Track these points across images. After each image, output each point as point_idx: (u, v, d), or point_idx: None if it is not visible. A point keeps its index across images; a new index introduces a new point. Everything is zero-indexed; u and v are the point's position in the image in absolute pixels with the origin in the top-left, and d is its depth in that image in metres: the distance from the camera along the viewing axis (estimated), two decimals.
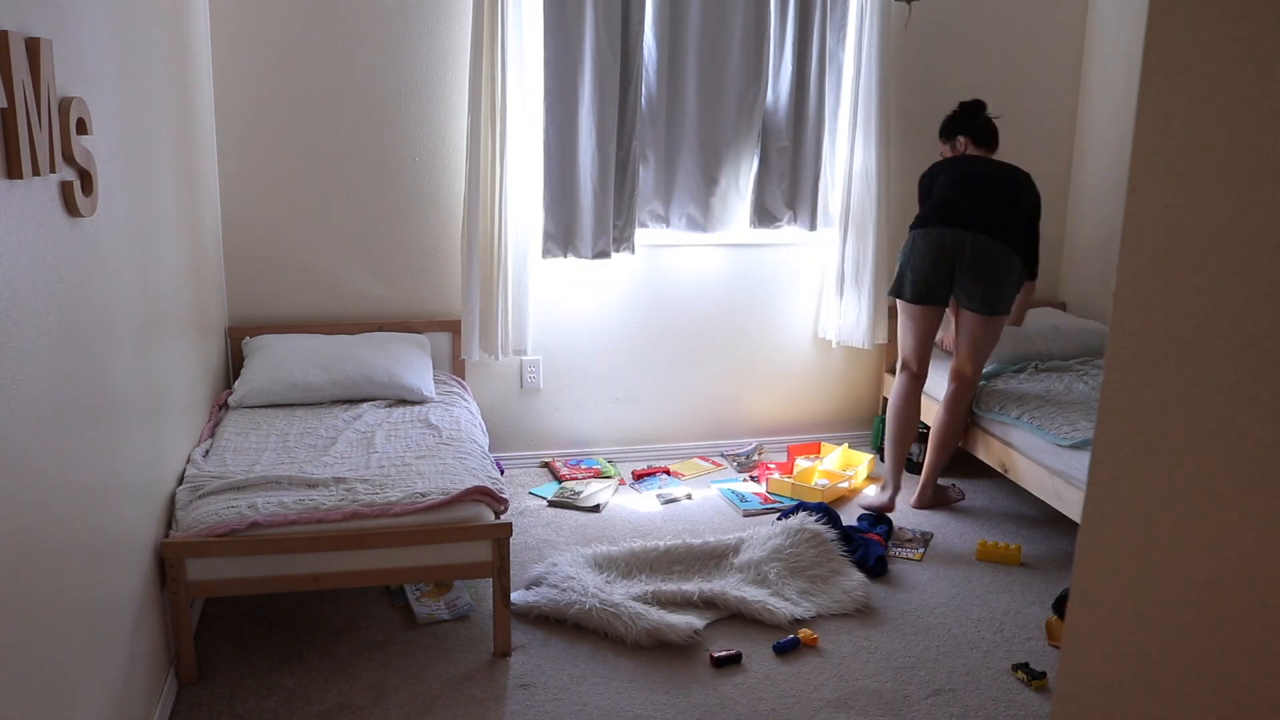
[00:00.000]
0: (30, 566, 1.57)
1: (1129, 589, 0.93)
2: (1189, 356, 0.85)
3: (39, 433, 1.63)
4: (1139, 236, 0.89)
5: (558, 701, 2.52)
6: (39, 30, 1.66)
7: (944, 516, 3.70)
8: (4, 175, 1.50)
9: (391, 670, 2.63)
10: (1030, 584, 3.18)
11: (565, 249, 3.88)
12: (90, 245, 1.95)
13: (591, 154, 3.82)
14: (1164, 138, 0.86)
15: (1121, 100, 4.15)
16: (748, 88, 3.95)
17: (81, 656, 1.82)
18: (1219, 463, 0.82)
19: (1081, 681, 1.00)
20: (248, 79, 3.62)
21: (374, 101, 3.73)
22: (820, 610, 2.94)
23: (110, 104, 2.13)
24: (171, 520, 2.57)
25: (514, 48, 3.66)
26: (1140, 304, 0.89)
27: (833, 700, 2.55)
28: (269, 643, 2.74)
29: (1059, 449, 3.23)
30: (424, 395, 3.49)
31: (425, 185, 3.84)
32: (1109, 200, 4.22)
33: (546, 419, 4.15)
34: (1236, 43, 0.79)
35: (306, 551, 2.52)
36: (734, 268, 4.21)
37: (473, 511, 2.67)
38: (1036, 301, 4.50)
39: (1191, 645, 0.86)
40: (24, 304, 1.57)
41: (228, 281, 3.73)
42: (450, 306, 3.95)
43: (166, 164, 2.73)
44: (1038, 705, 2.55)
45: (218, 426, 3.18)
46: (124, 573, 2.14)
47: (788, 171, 4.05)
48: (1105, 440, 0.95)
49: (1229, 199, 0.80)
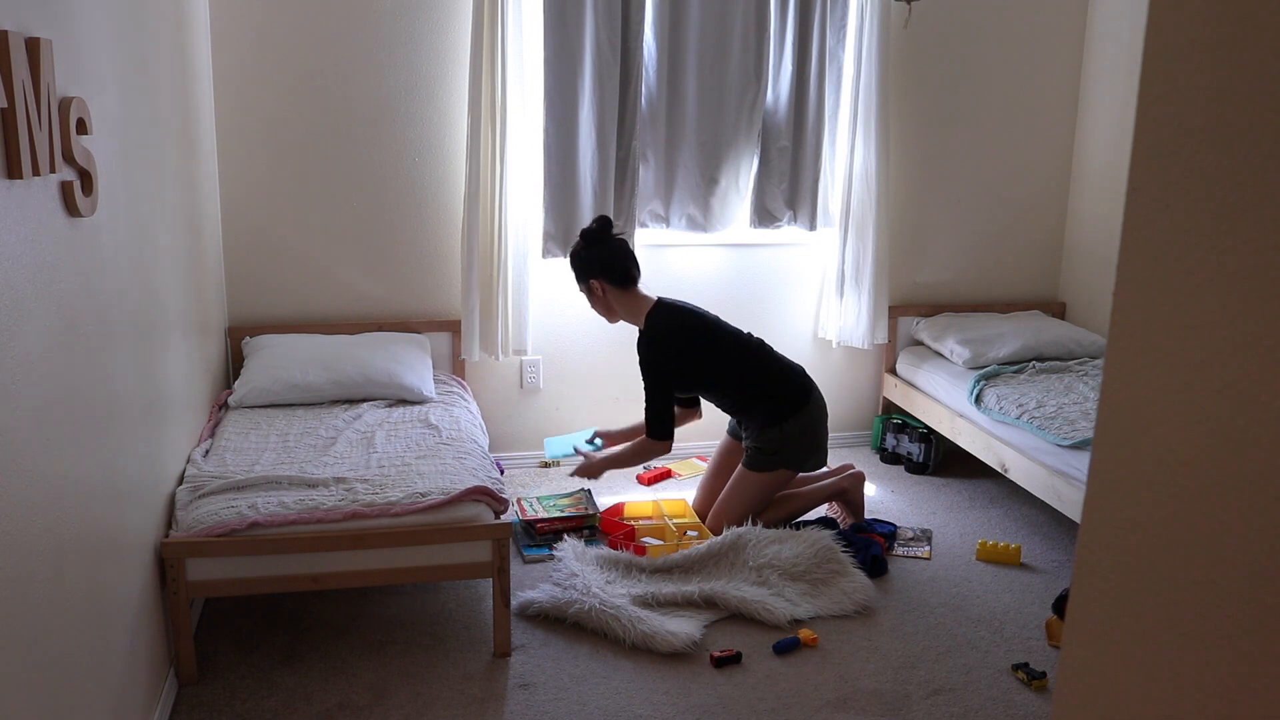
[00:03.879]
0: (30, 566, 1.57)
1: (1129, 589, 0.93)
2: (1189, 356, 0.85)
3: (39, 433, 1.63)
4: (1139, 236, 0.89)
5: (558, 701, 2.52)
6: (39, 30, 1.65)
7: (944, 516, 3.70)
8: (4, 175, 1.50)
9: (391, 670, 2.63)
10: (1030, 584, 3.18)
11: (565, 249, 3.88)
12: (90, 245, 1.95)
13: (591, 154, 3.82)
14: (1164, 138, 0.86)
15: (1121, 100, 4.15)
16: (748, 88, 3.95)
17: (81, 656, 1.82)
18: (1219, 463, 0.82)
19: (1081, 681, 1.00)
20: (248, 79, 3.62)
21: (374, 101, 3.73)
22: (820, 610, 2.94)
23: (110, 104, 2.13)
24: (171, 520, 2.57)
25: (514, 48, 3.66)
26: (1140, 304, 0.89)
27: (833, 700, 2.55)
28: (269, 643, 2.74)
29: (1059, 449, 3.23)
30: (424, 395, 3.49)
31: (425, 185, 3.84)
32: (1109, 200, 4.22)
33: (546, 419, 4.15)
34: (1237, 42, 0.79)
35: (306, 551, 2.52)
36: (734, 268, 4.21)
37: (473, 511, 2.67)
38: (1036, 302, 4.50)
39: (1191, 646, 0.86)
40: (24, 304, 1.57)
41: (228, 281, 3.73)
42: (450, 306, 3.95)
43: (166, 164, 2.73)
44: (1038, 705, 2.55)
45: (218, 426, 3.18)
46: (124, 573, 2.14)
47: (788, 171, 4.05)
48: (1105, 440, 0.95)
49: (1229, 199, 0.80)
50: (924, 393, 4.11)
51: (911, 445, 4.14)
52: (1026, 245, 4.47)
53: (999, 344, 3.95)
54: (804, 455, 3.36)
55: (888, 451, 4.27)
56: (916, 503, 3.83)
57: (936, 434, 4.05)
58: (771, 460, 3.31)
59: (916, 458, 4.12)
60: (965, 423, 3.77)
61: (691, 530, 3.38)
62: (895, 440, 4.24)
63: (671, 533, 3.34)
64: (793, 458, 3.34)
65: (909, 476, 4.11)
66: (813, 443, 3.37)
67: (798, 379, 3.39)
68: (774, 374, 3.36)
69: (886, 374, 4.39)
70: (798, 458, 3.35)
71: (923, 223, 4.35)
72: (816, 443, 3.39)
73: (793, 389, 3.35)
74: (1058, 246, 4.51)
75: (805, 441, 3.35)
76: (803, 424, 3.33)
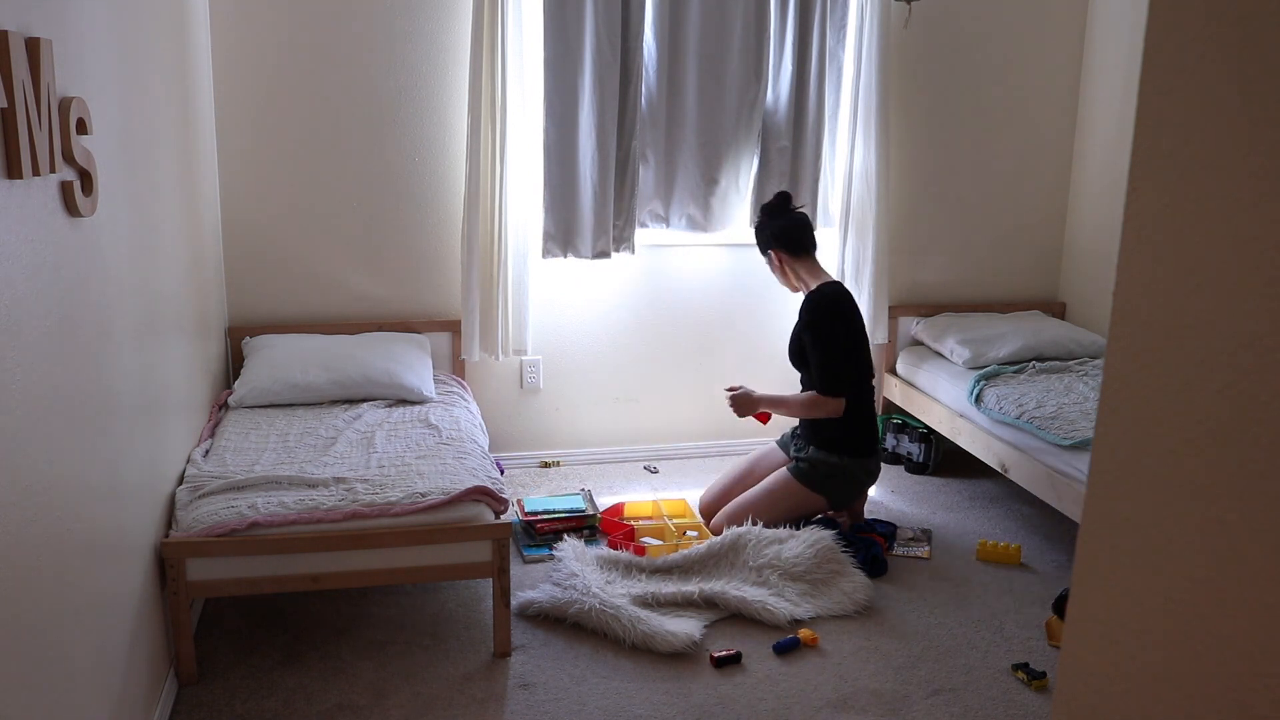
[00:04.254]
0: (30, 566, 1.57)
1: (1129, 589, 0.93)
2: (1189, 356, 0.85)
3: (39, 433, 1.63)
4: (1139, 236, 0.89)
5: (558, 701, 2.52)
6: (39, 30, 1.65)
7: (944, 516, 3.70)
8: (4, 175, 1.50)
9: (391, 670, 2.63)
10: (1030, 584, 3.18)
11: (565, 249, 3.88)
12: (90, 245, 1.95)
13: (591, 154, 3.82)
14: (1164, 138, 0.86)
15: (1121, 100, 4.15)
16: (748, 88, 3.95)
17: (81, 656, 1.82)
18: (1219, 463, 0.82)
19: (1081, 681, 1.00)
20: (248, 79, 3.62)
21: (374, 101, 3.73)
22: (820, 610, 2.94)
23: (110, 104, 2.13)
24: (171, 520, 2.57)
25: (514, 48, 3.66)
26: (1140, 304, 0.89)
27: (833, 700, 2.55)
28: (269, 643, 2.74)
29: (1059, 449, 3.23)
30: (424, 395, 3.49)
31: (425, 185, 3.84)
32: (1109, 200, 4.22)
33: (546, 419, 4.15)
34: (1237, 42, 0.79)
35: (306, 551, 2.52)
36: (734, 268, 4.21)
37: (473, 511, 2.67)
38: (1036, 302, 4.50)
39: (1191, 646, 0.86)
40: (24, 304, 1.57)
41: (228, 281, 3.73)
42: (450, 306, 3.95)
43: (166, 164, 2.73)
44: (1038, 705, 2.55)
45: (218, 426, 3.18)
46: (124, 573, 2.14)
47: (788, 171, 4.05)
48: (1105, 440, 0.95)
49: (1229, 199, 0.80)
50: (924, 393, 4.11)
51: (911, 445, 4.14)
52: (1026, 245, 4.47)
53: (999, 344, 3.95)
54: (843, 495, 3.39)
55: (888, 451, 4.27)
56: (916, 503, 3.83)
57: (936, 434, 4.05)
58: (821, 483, 3.34)
59: (916, 458, 4.12)
60: (965, 423, 3.77)
61: (691, 530, 3.39)
62: (895, 440, 4.24)
63: (671, 533, 3.34)
64: (835, 492, 3.37)
65: (909, 476, 4.11)
66: (855, 490, 3.42)
67: (875, 429, 3.45)
68: (866, 408, 3.41)
69: (886, 374, 4.39)
70: (838, 494, 3.38)
71: (923, 223, 4.35)
72: (857, 491, 3.44)
73: (868, 434, 3.40)
74: (1058, 246, 4.51)
75: (852, 485, 3.39)
76: (857, 469, 3.37)
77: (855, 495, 3.44)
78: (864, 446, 3.38)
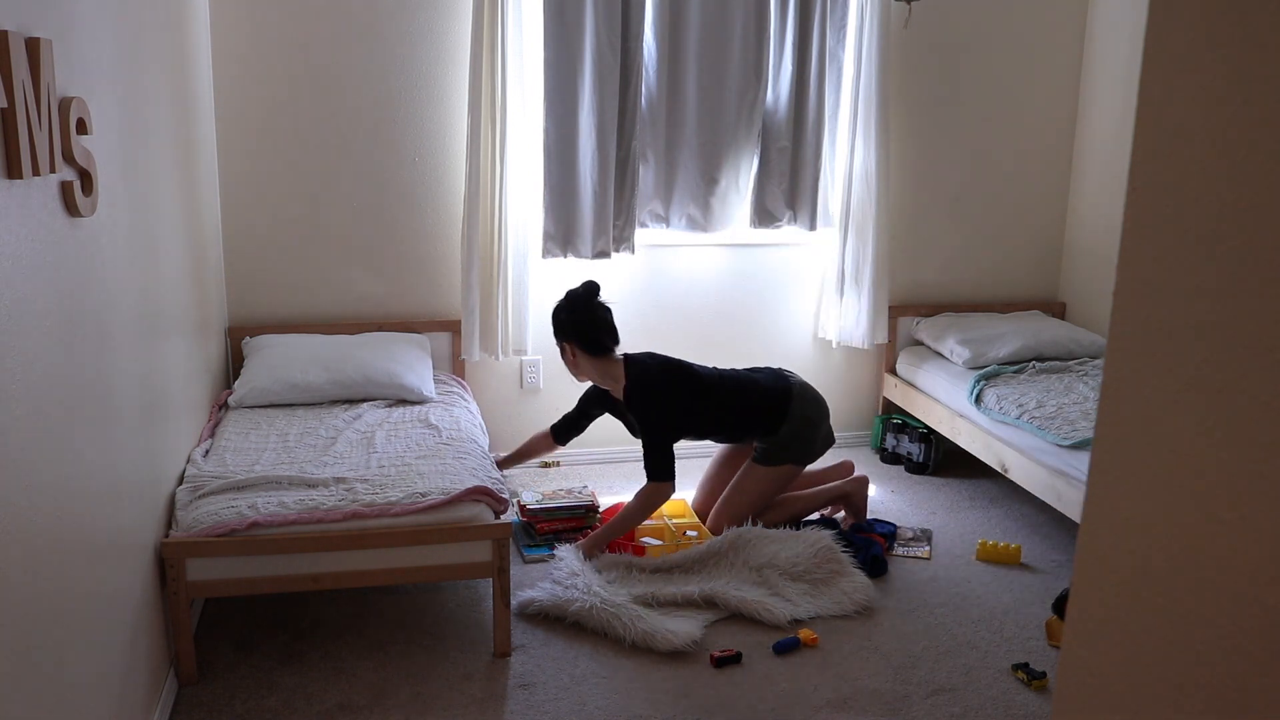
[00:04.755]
0: (30, 566, 1.57)
1: (1129, 589, 0.93)
2: (1189, 356, 0.85)
3: (39, 432, 1.63)
4: (1139, 236, 0.89)
5: (558, 701, 2.52)
6: (39, 30, 1.65)
7: (944, 516, 3.70)
8: (4, 175, 1.50)
9: (391, 670, 2.63)
10: (1030, 584, 3.18)
11: (565, 249, 3.88)
12: (90, 245, 1.95)
13: (591, 154, 3.82)
14: (1164, 138, 0.86)
15: (1121, 100, 4.15)
16: (748, 88, 3.95)
17: (81, 657, 1.82)
18: (1219, 463, 0.82)
19: (1081, 681, 1.00)
20: (248, 79, 3.62)
21: (374, 101, 3.73)
22: (820, 610, 2.94)
23: (110, 104, 2.13)
24: (171, 520, 2.57)
25: (514, 48, 3.66)
26: (1140, 304, 0.89)
27: (833, 700, 2.55)
28: (269, 643, 2.74)
29: (1059, 449, 3.23)
30: (424, 395, 3.49)
31: (425, 185, 3.84)
32: (1109, 200, 4.22)
33: (546, 419, 4.14)
34: (1236, 42, 0.79)
35: (306, 551, 2.52)
36: (734, 268, 4.21)
37: (473, 511, 2.67)
38: (1036, 302, 4.50)
39: (1191, 645, 0.86)
40: (24, 304, 1.57)
41: (228, 281, 3.73)
42: (450, 306, 3.95)
43: (166, 164, 2.73)
44: (1038, 705, 2.55)
45: (218, 426, 3.18)
46: (124, 573, 2.14)
47: (788, 171, 4.05)
48: (1105, 440, 0.95)
49: (1229, 199, 0.80)
50: (924, 393, 4.11)
51: (911, 445, 4.14)
52: (1026, 245, 4.47)
53: (999, 344, 3.95)
54: (806, 447, 3.41)
55: (888, 451, 4.27)
56: (916, 503, 3.83)
57: (936, 434, 4.05)
58: (780, 455, 3.36)
59: (916, 458, 4.12)
60: (965, 423, 3.77)
61: (691, 530, 3.39)
62: (895, 440, 4.24)
63: (671, 533, 3.34)
64: (799, 452, 3.39)
65: (909, 476, 4.11)
66: (812, 432, 3.41)
67: (775, 383, 3.42)
68: (752, 391, 3.39)
69: (886, 374, 4.39)
70: (802, 451, 3.40)
71: (923, 223, 4.35)
72: (815, 431, 3.43)
73: (774, 396, 3.38)
74: (1058, 246, 4.51)
75: (804, 433, 3.39)
76: (794, 423, 3.36)
77: (814, 436, 3.42)
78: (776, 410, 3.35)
